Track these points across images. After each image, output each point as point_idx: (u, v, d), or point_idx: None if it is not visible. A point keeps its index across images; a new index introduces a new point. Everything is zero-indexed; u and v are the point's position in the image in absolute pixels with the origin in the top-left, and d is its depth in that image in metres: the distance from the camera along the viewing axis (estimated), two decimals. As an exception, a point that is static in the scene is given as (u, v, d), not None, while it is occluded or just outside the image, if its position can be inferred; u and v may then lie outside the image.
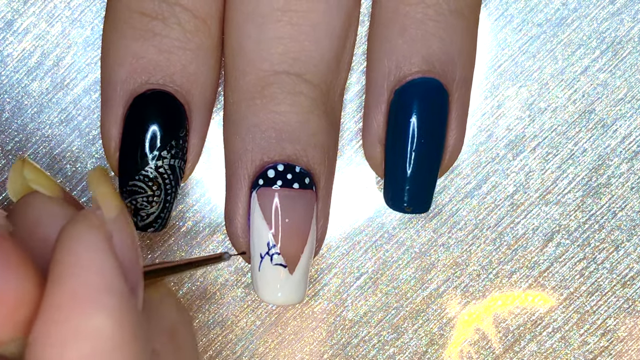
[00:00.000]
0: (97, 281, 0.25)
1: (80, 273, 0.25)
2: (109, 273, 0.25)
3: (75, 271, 0.25)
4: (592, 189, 0.41)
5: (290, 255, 0.36)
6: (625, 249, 0.42)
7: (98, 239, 0.26)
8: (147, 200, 0.36)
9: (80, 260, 0.25)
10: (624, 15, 0.40)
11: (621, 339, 0.42)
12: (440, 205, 0.41)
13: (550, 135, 0.41)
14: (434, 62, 0.36)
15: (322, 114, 0.36)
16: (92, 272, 0.25)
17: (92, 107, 0.40)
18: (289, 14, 0.35)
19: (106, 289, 0.25)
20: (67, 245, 0.26)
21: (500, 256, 0.42)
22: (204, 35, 0.36)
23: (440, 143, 0.37)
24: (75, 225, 0.26)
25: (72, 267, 0.25)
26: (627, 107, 0.41)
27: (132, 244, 0.27)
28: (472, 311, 0.42)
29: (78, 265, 0.25)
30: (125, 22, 0.36)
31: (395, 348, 0.42)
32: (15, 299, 0.25)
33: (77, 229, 0.26)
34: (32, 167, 0.30)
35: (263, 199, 0.36)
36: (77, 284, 0.25)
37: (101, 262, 0.25)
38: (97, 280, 0.25)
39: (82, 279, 0.25)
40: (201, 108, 0.37)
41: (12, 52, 0.40)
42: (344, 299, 0.42)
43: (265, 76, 0.36)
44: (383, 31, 0.37)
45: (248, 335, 0.42)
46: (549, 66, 0.41)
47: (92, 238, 0.26)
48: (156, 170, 0.36)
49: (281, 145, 0.36)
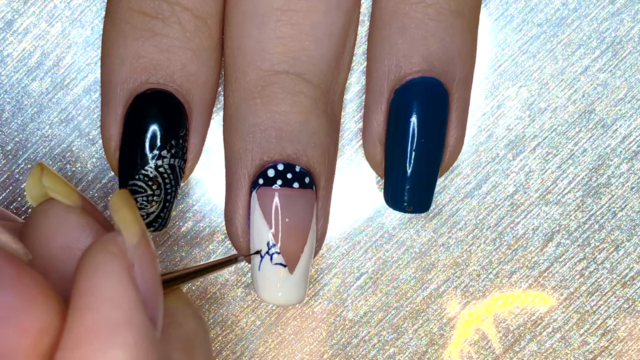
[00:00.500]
0: (117, 316, 0.25)
1: (100, 307, 0.25)
2: (128, 307, 0.25)
3: (95, 305, 0.25)
4: (592, 189, 0.41)
5: (290, 254, 0.36)
6: (625, 249, 0.42)
7: (119, 269, 0.25)
8: (147, 200, 0.36)
9: (100, 293, 0.25)
10: (624, 15, 0.40)
11: (621, 339, 0.42)
12: (440, 205, 0.41)
13: (550, 135, 0.41)
14: (434, 62, 0.36)
15: (322, 114, 0.36)
16: (112, 307, 0.25)
17: (92, 107, 0.40)
18: (289, 13, 0.35)
19: (125, 323, 0.25)
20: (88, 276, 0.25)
21: (500, 256, 0.42)
22: (204, 35, 0.36)
23: (440, 142, 0.37)
24: (96, 254, 0.26)
25: (92, 300, 0.25)
26: (627, 107, 0.41)
27: (154, 271, 0.27)
28: (472, 311, 0.42)
29: (98, 299, 0.25)
30: (125, 22, 0.36)
31: (395, 348, 0.42)
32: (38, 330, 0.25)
33: (98, 258, 0.26)
34: (51, 174, 0.30)
35: (263, 199, 0.36)
36: (97, 319, 0.25)
37: (121, 296, 0.25)
38: (116, 315, 0.25)
39: (101, 314, 0.25)
40: (201, 108, 0.37)
41: (12, 52, 0.40)
42: (344, 299, 0.42)
43: (266, 76, 0.36)
44: (383, 30, 0.37)
45: (248, 335, 0.42)
46: (549, 66, 0.41)
47: (112, 269, 0.25)
48: (156, 169, 0.36)
49: (281, 145, 0.36)
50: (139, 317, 0.25)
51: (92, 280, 0.25)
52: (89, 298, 0.25)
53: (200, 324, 0.31)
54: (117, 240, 0.26)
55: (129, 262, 0.26)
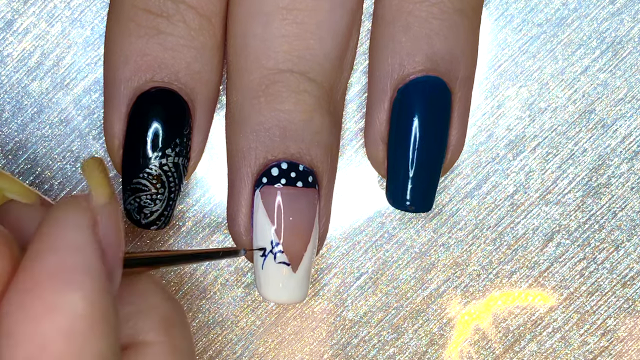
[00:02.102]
0: (76, 260, 0.25)
1: (60, 250, 0.25)
2: (88, 254, 0.26)
3: (54, 248, 0.25)
4: (592, 189, 0.41)
5: (293, 253, 0.36)
6: (625, 249, 0.42)
7: (82, 221, 0.26)
8: (150, 198, 0.36)
9: (61, 239, 0.26)
10: (624, 15, 0.41)
11: (621, 339, 0.42)
12: (440, 205, 0.41)
13: (550, 135, 0.41)
14: (438, 61, 0.36)
15: (325, 113, 0.36)
16: (72, 251, 0.25)
17: (92, 107, 0.40)
18: (294, 12, 0.35)
19: (84, 269, 0.25)
20: (50, 224, 0.26)
21: (500, 256, 0.42)
22: (208, 34, 0.36)
23: (443, 141, 0.37)
24: (61, 207, 0.27)
25: (52, 244, 0.26)
26: (627, 107, 0.41)
27: (117, 232, 0.27)
28: (472, 311, 0.42)
29: (58, 243, 0.26)
30: (130, 20, 0.36)
31: (395, 348, 0.42)
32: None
33: (63, 209, 0.26)
34: (5, 176, 0.30)
35: (267, 197, 0.36)
36: (57, 261, 0.25)
37: (82, 243, 0.26)
38: (76, 260, 0.25)
39: (61, 257, 0.25)
40: (205, 106, 0.37)
41: (12, 52, 0.40)
42: (344, 299, 0.42)
43: (270, 74, 0.36)
44: (386, 29, 0.37)
45: (248, 335, 0.42)
46: (549, 66, 0.41)
47: (76, 220, 0.26)
48: (160, 168, 0.36)
49: (285, 144, 0.36)
50: (98, 266, 0.26)
51: (55, 226, 0.26)
52: (50, 242, 0.26)
53: (175, 306, 0.31)
54: (86, 197, 0.27)
55: (94, 217, 0.27)
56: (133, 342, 0.30)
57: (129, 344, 0.30)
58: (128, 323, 0.30)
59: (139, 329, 0.30)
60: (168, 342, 0.30)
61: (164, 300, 0.31)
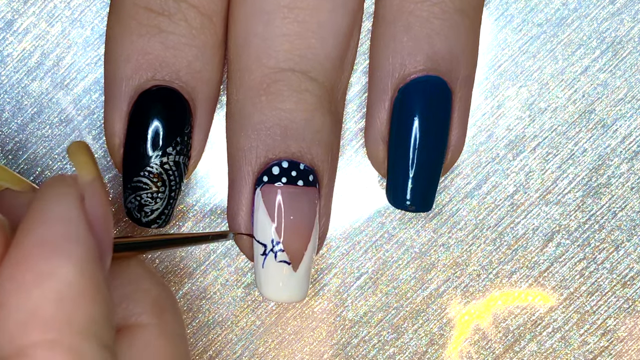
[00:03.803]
0: (64, 230, 0.26)
1: (48, 222, 0.26)
2: (77, 225, 0.26)
3: (43, 221, 0.26)
4: (592, 189, 0.41)
5: (294, 252, 0.36)
6: (625, 249, 0.42)
7: (70, 195, 0.27)
8: (151, 197, 0.36)
9: (49, 211, 0.26)
10: (624, 15, 0.41)
11: (621, 339, 0.42)
12: (440, 205, 0.41)
13: (550, 135, 0.41)
14: (439, 60, 0.36)
15: (326, 112, 0.36)
16: (59, 222, 0.26)
17: (92, 107, 0.40)
18: (295, 11, 0.35)
19: (74, 238, 0.26)
20: (41, 198, 0.27)
21: (500, 256, 0.42)
22: (209, 32, 0.36)
23: (443, 141, 0.37)
24: (49, 185, 0.27)
25: (41, 217, 0.26)
26: (627, 107, 0.41)
27: (103, 207, 0.28)
28: (472, 311, 0.42)
29: (46, 216, 0.26)
30: (131, 18, 0.36)
31: (395, 348, 0.42)
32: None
33: (50, 186, 0.27)
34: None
35: (267, 196, 0.36)
36: (45, 232, 0.26)
37: (71, 215, 0.26)
38: (65, 230, 0.26)
39: (49, 227, 0.26)
40: (206, 105, 0.37)
41: (12, 52, 0.40)
42: (344, 299, 0.42)
43: (271, 73, 0.36)
44: (387, 29, 0.37)
45: (248, 335, 0.42)
46: (549, 66, 0.41)
47: (64, 194, 0.27)
48: (161, 166, 0.36)
49: (286, 143, 0.36)
50: (86, 235, 0.26)
51: (42, 201, 0.27)
52: (38, 216, 0.26)
53: (166, 291, 0.32)
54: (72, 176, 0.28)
55: (80, 193, 0.27)
56: (126, 324, 0.30)
57: (122, 326, 0.30)
58: (120, 305, 0.31)
59: (132, 311, 0.31)
60: (160, 324, 0.31)
61: (154, 284, 0.32)
